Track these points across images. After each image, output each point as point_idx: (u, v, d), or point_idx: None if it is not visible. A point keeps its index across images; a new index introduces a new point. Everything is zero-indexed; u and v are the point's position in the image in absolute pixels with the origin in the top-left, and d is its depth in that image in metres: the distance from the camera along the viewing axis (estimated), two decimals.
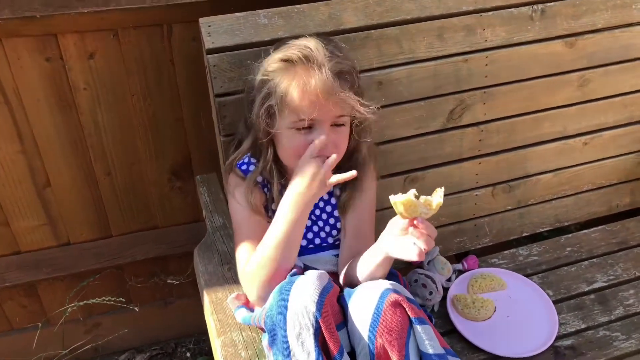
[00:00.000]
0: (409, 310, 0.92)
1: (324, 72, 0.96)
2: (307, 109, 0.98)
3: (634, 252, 1.43)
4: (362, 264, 1.03)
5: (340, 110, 0.99)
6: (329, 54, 0.99)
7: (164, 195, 1.59)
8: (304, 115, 0.98)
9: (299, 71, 0.98)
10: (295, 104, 0.98)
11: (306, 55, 0.98)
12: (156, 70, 1.37)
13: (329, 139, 1.00)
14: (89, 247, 1.61)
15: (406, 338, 0.92)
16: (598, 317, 1.25)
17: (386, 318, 0.91)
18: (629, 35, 1.38)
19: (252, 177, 1.08)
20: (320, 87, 0.96)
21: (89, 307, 1.67)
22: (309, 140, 1.00)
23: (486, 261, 1.42)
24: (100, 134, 1.43)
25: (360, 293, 0.96)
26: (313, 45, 0.99)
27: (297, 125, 1.00)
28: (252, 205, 1.06)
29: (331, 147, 1.01)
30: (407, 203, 0.89)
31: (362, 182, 1.10)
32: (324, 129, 1.00)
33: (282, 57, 1.00)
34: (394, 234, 0.95)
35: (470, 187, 1.40)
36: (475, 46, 1.27)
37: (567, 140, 1.44)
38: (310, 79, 0.97)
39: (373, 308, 0.92)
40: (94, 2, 1.17)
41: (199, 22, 1.13)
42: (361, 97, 1.01)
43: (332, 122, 1.01)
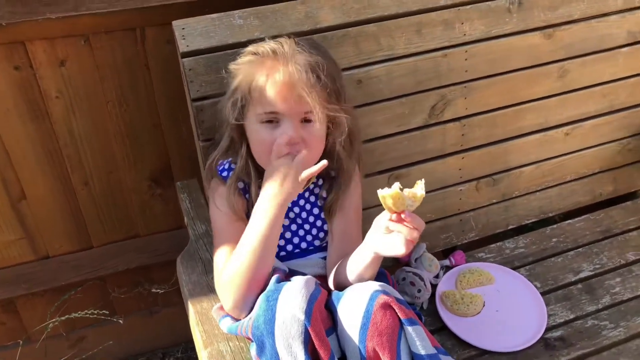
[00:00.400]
0: (399, 312, 0.90)
1: (291, 65, 0.95)
2: (272, 101, 0.96)
3: (618, 239, 1.44)
4: (351, 265, 1.02)
5: (306, 106, 0.97)
6: (299, 49, 0.97)
7: (145, 203, 1.55)
8: (269, 108, 0.97)
9: (267, 64, 0.97)
10: (260, 97, 0.97)
11: (274, 48, 0.97)
12: (131, 76, 1.33)
13: (296, 135, 0.98)
14: (69, 260, 1.57)
15: (397, 340, 0.90)
16: (586, 306, 1.26)
17: (376, 320, 0.89)
18: (605, 25, 1.39)
19: (232, 180, 1.05)
20: (285, 80, 0.95)
21: (72, 321, 1.63)
22: (276, 135, 0.98)
23: (473, 256, 1.42)
24: (76, 143, 1.39)
25: (349, 296, 0.94)
26: (284, 41, 0.98)
27: (264, 119, 0.98)
28: (233, 211, 1.04)
29: (301, 144, 0.99)
30: (395, 196, 0.88)
31: (346, 184, 1.08)
32: (290, 124, 0.98)
33: (252, 50, 0.99)
34: (380, 232, 0.94)
35: (454, 182, 1.39)
36: (454, 41, 1.26)
37: (549, 132, 1.44)
38: (276, 72, 0.96)
39: (362, 311, 0.90)
40: (62, 8, 1.13)
41: (172, 25, 1.10)
42: (338, 97, 0.99)
43: (301, 118, 0.99)
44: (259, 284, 0.96)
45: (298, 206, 1.10)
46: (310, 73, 0.95)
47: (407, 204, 0.89)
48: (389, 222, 0.91)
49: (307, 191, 1.11)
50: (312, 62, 0.96)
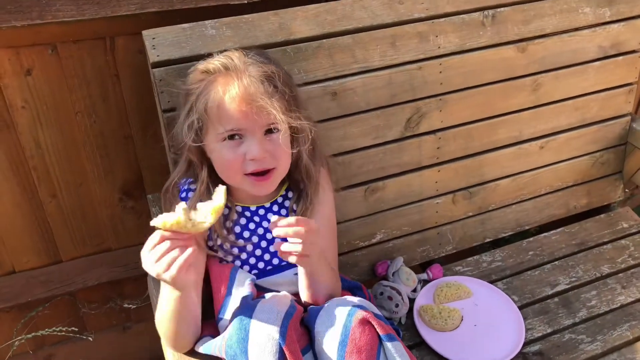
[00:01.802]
0: (378, 327, 0.89)
1: (245, 78, 0.93)
2: (231, 118, 0.93)
3: (593, 252, 1.45)
4: (300, 284, 1.01)
5: (267, 118, 0.94)
6: (250, 60, 0.95)
7: (116, 216, 1.51)
8: (230, 126, 0.94)
9: (220, 80, 0.94)
10: (218, 115, 0.94)
11: (225, 64, 0.94)
12: (100, 86, 1.30)
13: (262, 151, 0.95)
14: (37, 275, 1.51)
15: (376, 356, 0.89)
16: (563, 320, 1.26)
17: (355, 337, 0.87)
18: (577, 40, 1.40)
19: (192, 204, 1.01)
20: (241, 94, 0.92)
21: (40, 338, 1.57)
22: (241, 152, 0.96)
23: (450, 269, 1.41)
24: (43, 155, 1.35)
25: (327, 312, 0.92)
26: (232, 54, 0.96)
27: (225, 137, 0.96)
28: None
29: (269, 159, 0.97)
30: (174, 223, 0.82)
31: (315, 193, 1.06)
32: (254, 140, 0.95)
33: (202, 69, 0.97)
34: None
35: (430, 195, 1.39)
36: (428, 53, 1.27)
37: (524, 145, 1.45)
38: (230, 87, 0.93)
39: (341, 327, 0.88)
40: (27, 16, 1.10)
41: (143, 34, 1.08)
42: (297, 105, 0.97)
43: (264, 130, 0.96)
44: (187, 333, 0.95)
45: (267, 220, 1.08)
46: (267, 83, 0.93)
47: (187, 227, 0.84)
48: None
49: (276, 204, 1.09)
50: (266, 72, 0.94)
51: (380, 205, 1.34)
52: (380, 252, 1.38)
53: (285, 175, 1.04)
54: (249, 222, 1.07)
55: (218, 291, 1.02)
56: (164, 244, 0.84)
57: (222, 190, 0.87)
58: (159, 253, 0.84)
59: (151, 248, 0.85)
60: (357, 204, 1.31)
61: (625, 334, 1.21)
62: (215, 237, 1.05)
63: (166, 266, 0.84)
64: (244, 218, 1.07)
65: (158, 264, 0.84)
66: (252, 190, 1.01)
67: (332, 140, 1.24)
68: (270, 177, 0.99)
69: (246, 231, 1.07)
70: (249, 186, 1.00)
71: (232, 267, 1.05)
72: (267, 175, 0.99)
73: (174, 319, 0.93)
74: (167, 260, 0.84)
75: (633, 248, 1.45)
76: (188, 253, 0.84)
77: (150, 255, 0.85)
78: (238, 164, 0.96)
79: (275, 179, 1.01)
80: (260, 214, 1.08)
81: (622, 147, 1.56)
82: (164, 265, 0.84)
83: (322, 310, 0.94)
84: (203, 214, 0.85)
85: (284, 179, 1.06)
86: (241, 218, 1.07)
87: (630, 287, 1.33)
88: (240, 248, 1.06)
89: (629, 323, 1.24)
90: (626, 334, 1.21)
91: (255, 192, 1.01)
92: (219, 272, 1.03)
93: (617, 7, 1.41)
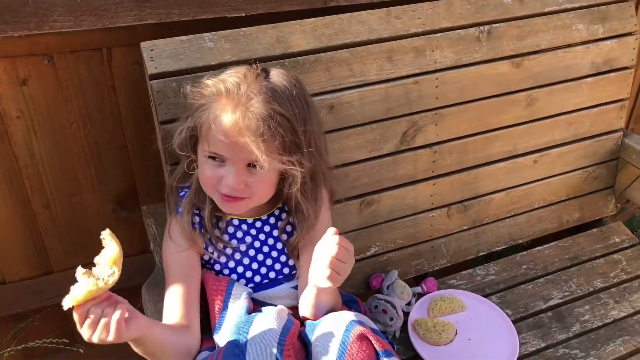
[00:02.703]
0: (375, 343, 0.88)
1: (241, 110, 0.91)
2: (216, 143, 0.93)
3: (586, 267, 1.46)
4: (304, 298, 0.99)
5: (251, 155, 0.92)
6: (257, 93, 0.92)
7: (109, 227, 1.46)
8: (213, 149, 0.94)
9: (220, 102, 0.94)
10: (207, 135, 0.95)
11: (229, 88, 0.93)
12: (96, 97, 1.30)
13: (238, 182, 0.94)
14: (28, 286, 1.50)
15: None
16: (556, 334, 1.26)
17: (352, 352, 0.87)
18: (571, 56, 1.42)
19: (185, 202, 1.03)
20: (231, 125, 0.91)
21: (29, 350, 1.54)
22: (219, 174, 0.96)
23: (445, 282, 1.41)
24: (37, 165, 1.34)
25: (324, 327, 0.92)
26: (245, 79, 0.94)
27: (208, 155, 0.96)
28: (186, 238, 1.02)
29: (244, 190, 0.96)
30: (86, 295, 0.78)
31: (309, 228, 1.05)
32: (233, 169, 0.95)
33: (210, 83, 0.96)
34: (314, 260, 0.90)
35: (425, 208, 1.39)
36: (425, 68, 1.27)
37: (518, 159, 1.45)
38: (224, 114, 0.92)
39: (338, 342, 0.88)
40: (25, 26, 1.09)
41: (141, 46, 1.08)
42: (298, 147, 0.95)
43: (247, 163, 0.95)
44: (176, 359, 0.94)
45: (263, 233, 1.08)
46: (262, 122, 0.90)
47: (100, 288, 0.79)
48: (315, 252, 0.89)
49: (273, 216, 1.09)
50: (266, 111, 0.91)
51: (375, 218, 1.34)
52: (374, 265, 1.38)
53: (262, 202, 1.03)
54: (246, 234, 1.07)
55: (214, 305, 1.01)
56: (90, 317, 0.79)
57: (107, 235, 0.82)
58: (89, 324, 0.79)
59: (80, 326, 0.80)
60: (352, 216, 1.31)
61: (619, 349, 1.22)
62: (211, 250, 1.05)
63: (104, 331, 0.79)
64: (240, 231, 1.07)
65: (96, 334, 0.79)
66: (220, 206, 1.01)
67: (329, 153, 1.24)
68: (242, 201, 0.99)
69: (243, 244, 1.06)
70: (218, 200, 1.00)
71: (229, 280, 1.04)
72: (237, 199, 0.98)
73: (151, 356, 0.92)
74: (101, 326, 0.79)
75: (625, 263, 1.46)
76: (118, 312, 0.79)
77: (84, 331, 0.80)
78: (213, 182, 0.97)
79: (246, 206, 1.00)
80: (257, 226, 1.08)
81: (614, 162, 1.57)
82: (101, 331, 0.79)
83: (319, 325, 0.93)
84: (107, 268, 0.81)
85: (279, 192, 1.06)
86: (237, 231, 1.07)
87: (623, 302, 1.34)
88: (237, 261, 1.06)
89: (622, 338, 1.24)
90: (619, 349, 1.22)
91: (223, 209, 1.01)
92: (215, 286, 1.03)
93: (609, 24, 1.43)
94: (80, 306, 0.79)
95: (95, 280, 0.79)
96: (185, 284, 1.00)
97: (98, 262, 0.81)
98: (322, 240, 0.88)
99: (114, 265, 0.80)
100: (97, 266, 0.81)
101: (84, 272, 0.79)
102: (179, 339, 0.95)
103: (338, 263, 0.85)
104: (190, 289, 1.01)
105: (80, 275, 0.79)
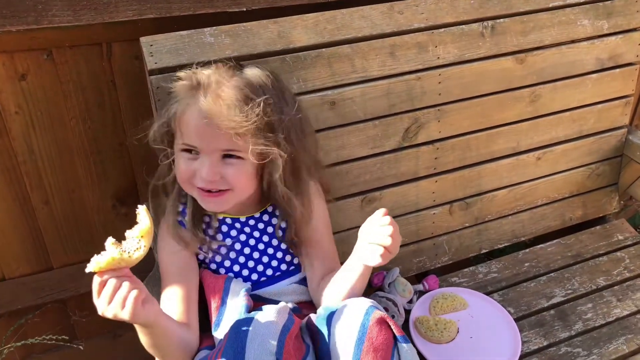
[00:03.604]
0: (395, 328, 0.89)
1: (211, 98, 0.91)
2: (189, 134, 0.93)
3: (589, 264, 1.45)
4: (340, 281, 0.99)
5: (224, 143, 0.92)
6: (229, 80, 0.93)
7: (109, 223, 1.49)
8: (187, 141, 0.94)
9: (191, 93, 0.94)
10: (180, 127, 0.94)
11: (200, 79, 0.94)
12: (96, 92, 1.28)
13: (211, 174, 0.94)
14: (27, 282, 1.49)
15: (391, 358, 0.88)
16: (559, 333, 1.25)
17: (372, 335, 0.87)
18: (575, 52, 1.41)
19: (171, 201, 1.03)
20: (203, 114, 0.91)
21: (29, 346, 1.54)
22: (193, 167, 0.95)
23: (446, 280, 1.40)
24: (36, 161, 1.33)
25: (343, 310, 0.92)
26: (217, 70, 0.95)
27: (182, 148, 0.96)
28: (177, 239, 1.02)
29: (220, 182, 0.95)
30: (109, 261, 0.79)
31: (306, 218, 1.05)
32: (207, 161, 0.94)
33: (182, 76, 0.96)
34: (363, 240, 0.92)
35: (427, 205, 1.38)
36: (427, 64, 1.26)
37: (521, 156, 1.44)
38: (196, 103, 0.92)
39: (359, 325, 0.88)
40: (23, 20, 1.08)
41: (140, 41, 1.07)
42: (273, 131, 0.94)
43: (222, 154, 0.95)
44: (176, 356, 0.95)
45: (258, 230, 1.07)
46: (232, 107, 0.90)
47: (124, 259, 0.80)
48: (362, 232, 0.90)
49: (266, 213, 1.08)
50: (237, 96, 0.91)
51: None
52: None
53: (246, 197, 1.02)
54: (240, 233, 1.06)
55: (212, 302, 1.00)
56: (108, 286, 0.79)
57: (142, 210, 0.83)
58: (108, 295, 0.79)
59: (98, 295, 0.80)
60: (354, 213, 1.30)
61: (622, 347, 1.21)
62: (205, 250, 1.04)
63: (120, 305, 0.79)
64: (234, 230, 1.06)
65: (111, 306, 0.79)
66: (201, 203, 1.00)
67: (330, 150, 1.23)
68: (223, 196, 0.98)
69: (237, 243, 1.06)
70: (197, 197, 1.00)
71: (226, 277, 1.04)
72: (219, 193, 0.97)
73: (156, 348, 0.92)
74: (119, 299, 0.79)
75: (628, 260, 1.45)
76: (136, 290, 0.79)
77: (100, 302, 0.80)
78: (187, 175, 0.96)
79: (228, 201, 0.99)
80: (251, 224, 1.07)
81: (618, 159, 1.56)
82: (118, 304, 0.79)
83: (339, 308, 0.93)
84: (134, 241, 0.81)
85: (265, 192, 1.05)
86: (231, 230, 1.06)
87: (626, 300, 1.33)
88: (232, 260, 1.05)
89: (625, 336, 1.24)
90: (622, 348, 1.21)
91: (205, 207, 1.01)
92: (213, 284, 1.02)
93: (614, 20, 1.42)
94: (101, 273, 0.79)
95: (121, 251, 0.79)
96: (182, 284, 1.00)
97: (128, 236, 0.82)
98: (370, 221, 0.90)
99: (142, 238, 0.81)
100: (127, 239, 0.82)
101: (113, 242, 0.80)
102: (182, 334, 0.95)
103: (393, 241, 0.87)
104: (187, 288, 1.00)
105: (109, 244, 0.80)
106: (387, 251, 0.88)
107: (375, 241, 0.88)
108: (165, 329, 0.90)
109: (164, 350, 0.92)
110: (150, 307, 0.83)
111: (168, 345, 0.92)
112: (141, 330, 0.87)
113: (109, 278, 0.79)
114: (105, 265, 0.78)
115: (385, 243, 0.87)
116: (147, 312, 0.82)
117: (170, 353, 0.93)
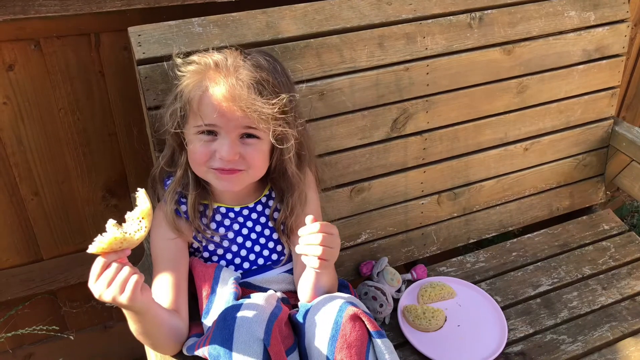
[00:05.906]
0: (368, 324, 0.89)
1: (231, 78, 0.92)
2: (209, 114, 0.93)
3: (575, 254, 1.47)
4: (306, 276, 1.00)
5: (244, 121, 0.93)
6: (244, 64, 0.94)
7: (99, 214, 1.49)
8: (207, 121, 0.94)
9: (208, 75, 0.94)
10: (198, 109, 0.94)
11: (217, 61, 0.94)
12: (84, 82, 1.28)
13: (232, 153, 0.94)
14: (17, 273, 1.49)
15: (365, 352, 0.89)
16: (545, 320, 1.27)
17: (345, 332, 0.88)
18: (562, 43, 1.42)
19: (170, 189, 1.03)
20: (224, 93, 0.92)
21: (19, 337, 1.54)
22: (212, 149, 0.95)
23: (435, 269, 1.42)
24: (25, 152, 1.32)
25: (318, 307, 0.93)
26: (229, 53, 0.96)
27: (200, 130, 0.96)
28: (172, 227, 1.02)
29: (239, 161, 0.96)
30: (112, 241, 0.79)
31: (300, 202, 1.06)
32: (227, 140, 0.95)
33: (195, 60, 0.96)
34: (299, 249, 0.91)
35: (416, 195, 1.39)
36: (416, 54, 1.27)
37: (509, 146, 1.46)
38: (215, 84, 0.93)
39: (332, 322, 0.89)
40: (10, 10, 1.07)
41: (128, 31, 1.07)
42: (285, 112, 0.95)
43: (241, 133, 0.96)
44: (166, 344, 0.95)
45: (251, 220, 1.08)
46: (252, 88, 0.92)
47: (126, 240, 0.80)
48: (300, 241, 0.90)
49: (260, 204, 1.09)
50: (255, 77, 0.93)
51: (365, 205, 1.34)
52: (365, 252, 1.38)
53: (258, 179, 1.03)
54: (233, 222, 1.07)
55: (202, 291, 1.01)
56: (109, 269, 0.80)
57: (142, 193, 0.83)
58: (108, 278, 0.79)
59: (97, 278, 0.80)
60: (343, 204, 1.31)
61: (606, 334, 1.23)
62: (200, 237, 1.05)
63: (120, 288, 0.79)
64: (228, 219, 1.07)
65: (110, 289, 0.79)
66: (215, 184, 1.00)
67: (319, 141, 1.23)
68: (237, 174, 0.98)
69: (230, 232, 1.06)
70: (212, 179, 1.00)
71: (217, 266, 1.04)
72: (233, 171, 0.98)
73: (146, 336, 0.92)
74: (118, 283, 0.79)
75: (614, 250, 1.47)
76: (136, 275, 0.80)
77: (99, 284, 0.80)
78: (205, 157, 0.96)
79: (243, 180, 1.00)
80: (244, 214, 1.08)
81: (605, 149, 1.58)
82: (117, 288, 0.79)
83: (313, 305, 0.94)
84: (135, 223, 0.82)
85: (266, 179, 1.06)
86: (225, 219, 1.07)
87: (611, 289, 1.35)
88: (225, 248, 1.06)
89: (610, 324, 1.26)
90: (606, 335, 1.23)
91: (219, 186, 1.01)
92: (203, 272, 1.03)
93: (601, 11, 1.43)
94: (104, 254, 0.79)
95: (123, 232, 0.79)
96: (174, 271, 1.00)
97: (128, 218, 0.83)
98: (304, 229, 0.89)
99: (143, 219, 0.81)
100: (128, 222, 0.82)
101: (114, 224, 0.80)
102: (172, 321, 0.96)
103: (324, 249, 0.86)
104: (178, 276, 1.01)
105: (110, 226, 0.80)
106: (320, 259, 0.87)
107: (307, 252, 0.88)
108: (157, 315, 0.90)
109: (154, 337, 0.93)
110: (147, 293, 0.85)
111: (158, 333, 0.92)
112: (132, 318, 0.88)
113: (110, 262, 0.80)
114: (108, 245, 0.78)
115: (315, 253, 0.87)
116: (144, 298, 0.83)
117: (160, 340, 0.94)
